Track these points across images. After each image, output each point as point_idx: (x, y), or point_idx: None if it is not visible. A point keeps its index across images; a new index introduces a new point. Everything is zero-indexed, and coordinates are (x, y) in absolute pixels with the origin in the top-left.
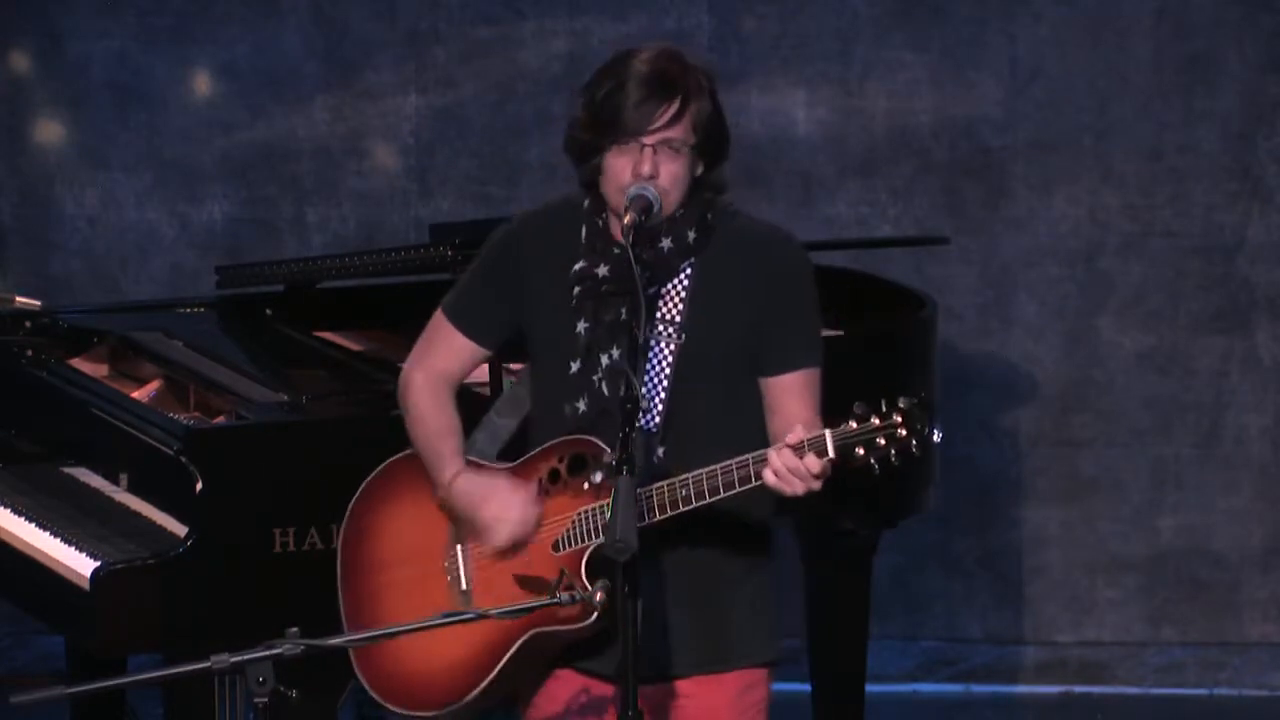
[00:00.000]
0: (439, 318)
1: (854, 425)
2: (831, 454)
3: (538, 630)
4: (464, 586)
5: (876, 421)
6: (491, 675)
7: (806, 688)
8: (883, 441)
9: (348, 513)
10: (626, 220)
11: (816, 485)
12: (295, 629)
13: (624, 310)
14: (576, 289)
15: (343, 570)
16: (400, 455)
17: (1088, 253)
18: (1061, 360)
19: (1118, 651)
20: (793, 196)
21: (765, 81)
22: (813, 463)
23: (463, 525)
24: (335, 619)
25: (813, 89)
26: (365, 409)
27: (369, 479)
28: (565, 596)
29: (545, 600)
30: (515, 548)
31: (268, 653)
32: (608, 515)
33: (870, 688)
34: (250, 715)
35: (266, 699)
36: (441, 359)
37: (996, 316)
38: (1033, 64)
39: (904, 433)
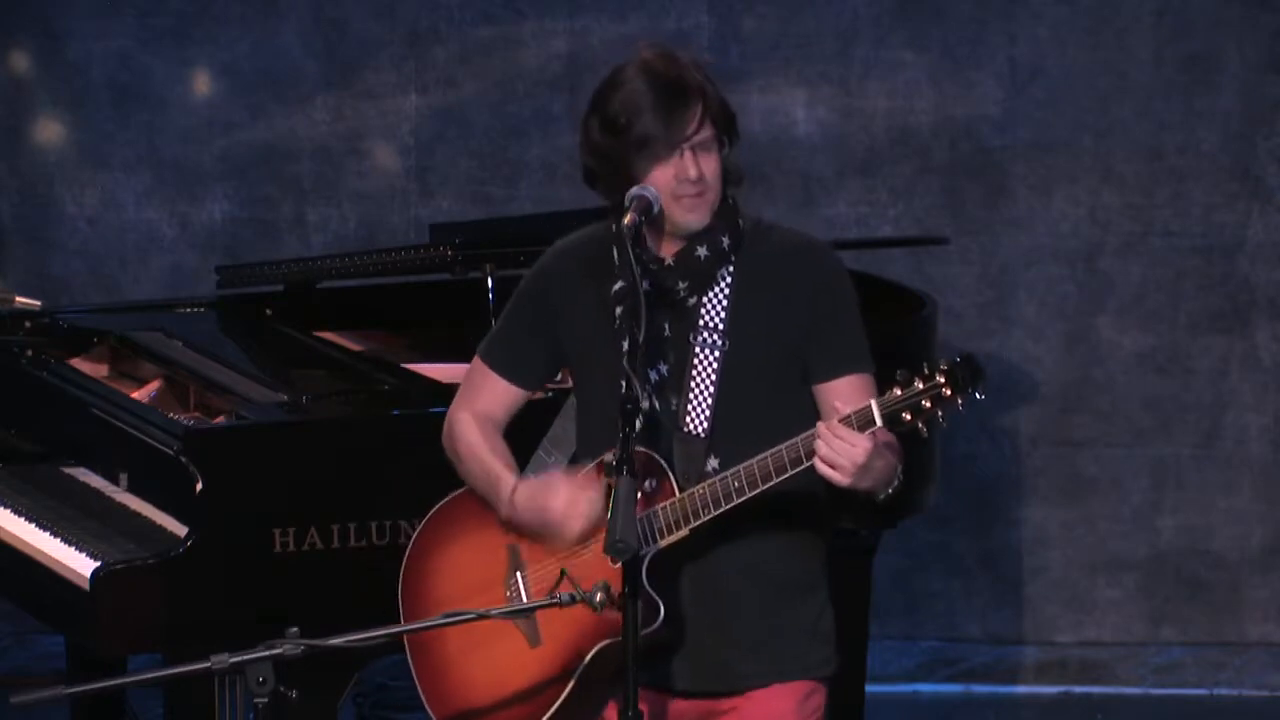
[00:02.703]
0: (477, 364)
1: (898, 392)
2: (879, 422)
3: (605, 643)
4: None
5: (920, 385)
6: (564, 696)
7: None
8: (929, 404)
9: (405, 557)
10: (627, 220)
11: (861, 458)
12: (295, 629)
13: (667, 325)
14: (619, 309)
15: (406, 612)
16: (452, 495)
17: (1088, 253)
18: (1061, 360)
19: (1118, 651)
20: (793, 196)
21: (765, 81)
22: (859, 437)
23: (518, 551)
24: (335, 619)
25: (813, 89)
26: (365, 409)
27: (424, 523)
28: (565, 596)
29: (545, 601)
30: (584, 545)
31: (268, 653)
32: (661, 519)
33: (870, 688)
34: (250, 715)
35: (266, 699)
36: (483, 402)
37: (996, 316)
38: (1033, 64)
39: (949, 392)
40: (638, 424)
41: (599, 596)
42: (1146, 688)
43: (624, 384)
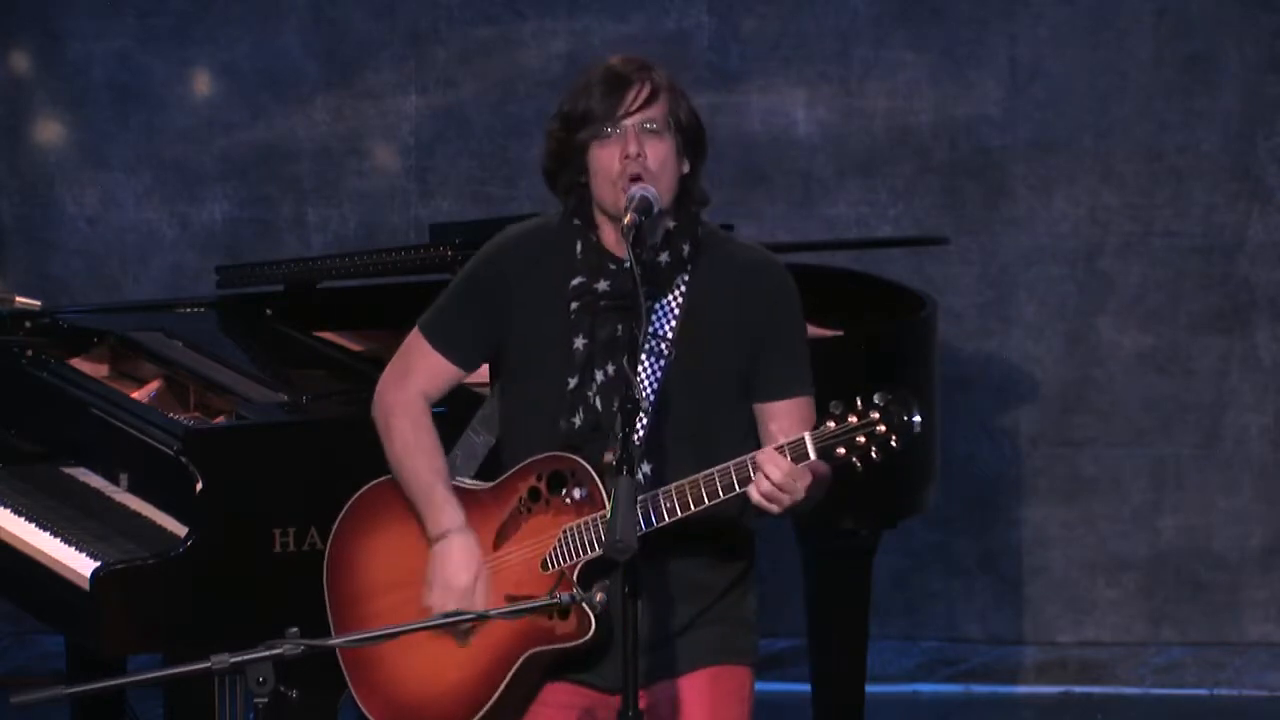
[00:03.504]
0: (416, 338)
1: (832, 425)
2: (812, 455)
3: (535, 650)
4: None
5: (854, 420)
6: (492, 700)
7: (806, 688)
8: (863, 439)
9: (329, 544)
10: (627, 220)
11: (800, 493)
12: (295, 629)
13: (620, 326)
14: (575, 304)
15: (331, 601)
16: (375, 482)
17: (1088, 253)
18: (1061, 360)
19: (1118, 651)
20: (793, 196)
21: (765, 81)
22: (792, 468)
23: None
24: None
25: (813, 89)
26: (365, 409)
27: (345, 510)
28: (565, 596)
29: (545, 600)
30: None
31: (268, 653)
32: (592, 531)
33: (870, 688)
34: (250, 715)
35: (266, 699)
36: (419, 380)
37: (996, 316)
38: (1033, 64)
39: (883, 429)
40: (638, 423)
41: (599, 597)
42: (1146, 688)
43: (623, 385)
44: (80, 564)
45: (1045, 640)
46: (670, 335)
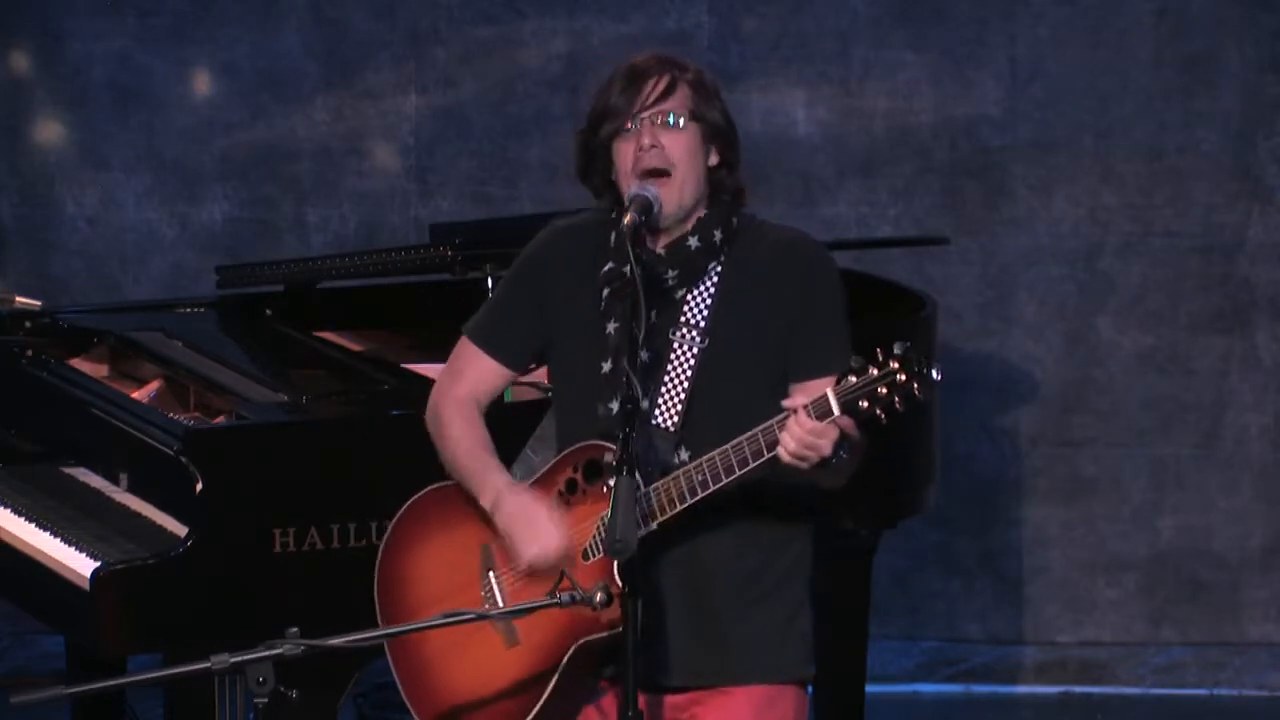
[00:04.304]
0: (464, 343)
1: (853, 380)
2: (837, 411)
3: (583, 641)
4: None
5: (875, 372)
6: (546, 694)
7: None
8: (885, 390)
9: (378, 561)
10: (626, 220)
11: (828, 449)
12: (295, 629)
13: (653, 313)
14: (606, 290)
15: (384, 615)
16: (418, 495)
17: (1088, 253)
18: (1061, 360)
19: (1118, 651)
20: (793, 196)
21: (765, 81)
22: (816, 424)
23: (490, 551)
24: (335, 619)
25: (813, 89)
26: (365, 409)
27: (392, 525)
28: (565, 597)
29: (545, 601)
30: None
31: (268, 653)
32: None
33: (870, 688)
34: (250, 715)
35: (266, 699)
36: (468, 385)
37: (996, 316)
38: (1033, 64)
39: (904, 377)
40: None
41: (599, 596)
42: (1146, 688)
43: (624, 384)
44: (80, 564)
45: (1045, 640)
46: (703, 325)
